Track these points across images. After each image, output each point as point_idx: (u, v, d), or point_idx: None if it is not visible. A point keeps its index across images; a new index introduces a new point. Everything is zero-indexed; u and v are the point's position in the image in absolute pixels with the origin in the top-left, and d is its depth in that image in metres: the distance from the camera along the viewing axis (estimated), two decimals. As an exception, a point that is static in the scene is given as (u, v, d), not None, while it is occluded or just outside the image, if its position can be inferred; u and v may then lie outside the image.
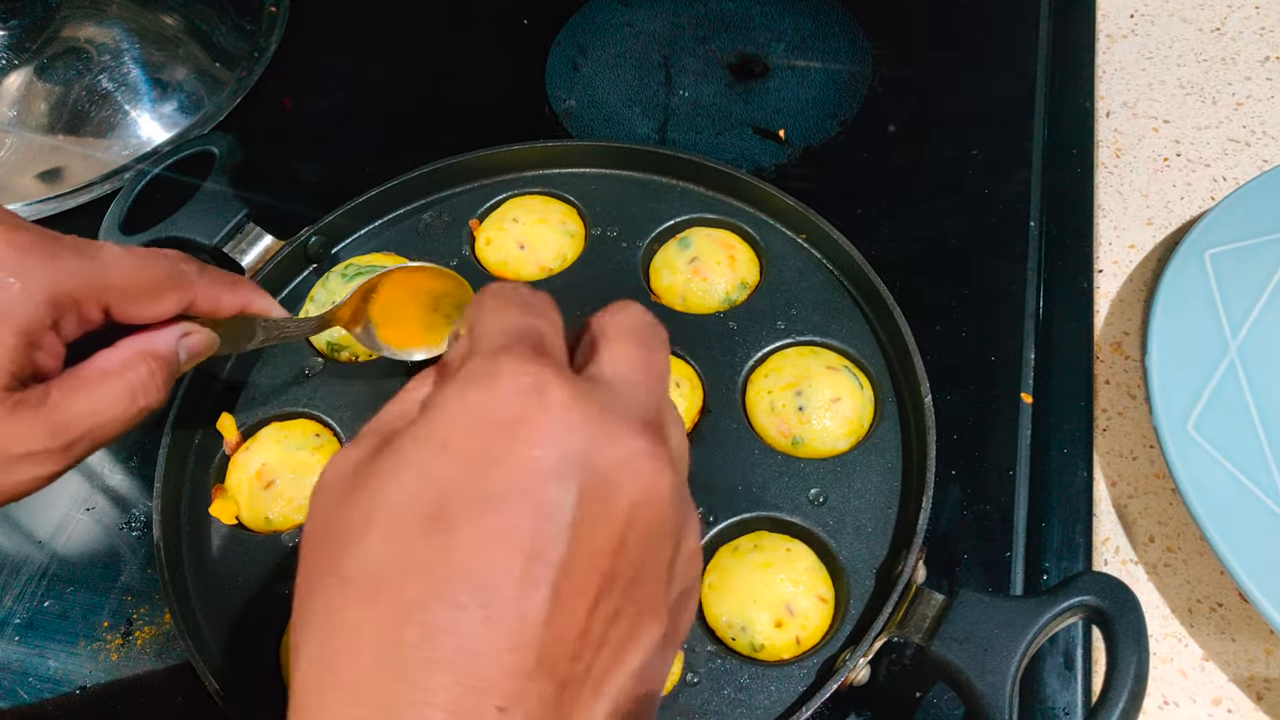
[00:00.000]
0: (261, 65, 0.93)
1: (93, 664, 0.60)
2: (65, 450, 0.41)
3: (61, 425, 0.41)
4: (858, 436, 0.59)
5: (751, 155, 0.81)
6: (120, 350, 0.45)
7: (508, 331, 0.30)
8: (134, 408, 0.44)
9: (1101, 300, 0.70)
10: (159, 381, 0.45)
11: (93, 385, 0.43)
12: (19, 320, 0.40)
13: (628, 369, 0.31)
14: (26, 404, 0.40)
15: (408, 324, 0.60)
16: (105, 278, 0.43)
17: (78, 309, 0.42)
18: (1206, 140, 0.78)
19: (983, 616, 0.47)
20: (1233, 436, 0.58)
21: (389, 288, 0.58)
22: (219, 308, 0.49)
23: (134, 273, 0.44)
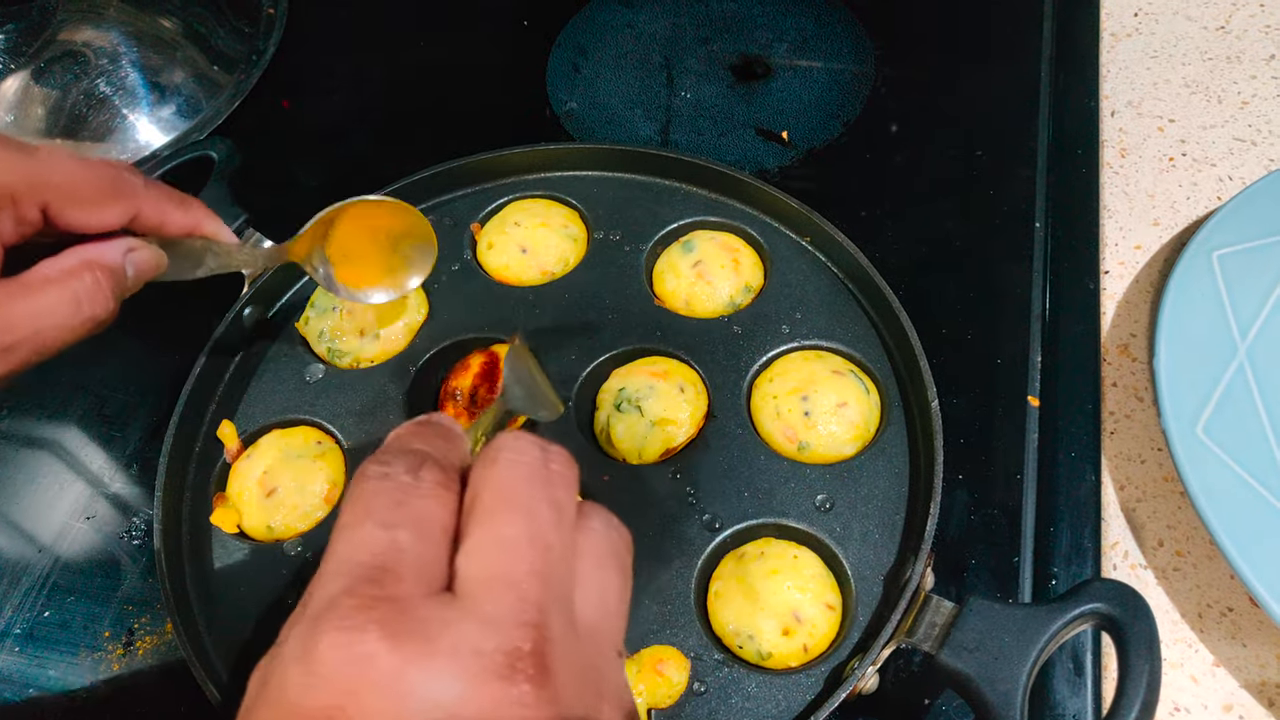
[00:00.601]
0: (260, 68, 0.93)
1: (94, 674, 0.59)
2: (5, 351, 0.40)
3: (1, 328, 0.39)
4: (864, 442, 0.58)
5: (754, 157, 0.80)
6: (64, 258, 0.43)
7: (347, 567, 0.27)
8: (79, 315, 0.42)
9: (1108, 302, 0.70)
10: (105, 291, 0.43)
11: (34, 290, 0.41)
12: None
13: (493, 567, 0.28)
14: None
15: (366, 264, 0.58)
16: (44, 174, 0.41)
17: (14, 206, 0.41)
18: (1212, 139, 0.77)
19: (993, 624, 0.46)
20: (1242, 439, 0.57)
21: (347, 223, 0.56)
22: (166, 224, 0.47)
23: (75, 172, 0.43)
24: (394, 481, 0.30)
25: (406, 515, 0.29)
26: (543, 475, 0.30)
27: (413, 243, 0.58)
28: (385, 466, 0.30)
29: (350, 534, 0.28)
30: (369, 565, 0.27)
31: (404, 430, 0.33)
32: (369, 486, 0.30)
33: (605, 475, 0.58)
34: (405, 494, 0.29)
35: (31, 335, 0.40)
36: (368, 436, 0.61)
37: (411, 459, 0.30)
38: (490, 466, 0.30)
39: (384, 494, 0.29)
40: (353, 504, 0.29)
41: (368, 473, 0.30)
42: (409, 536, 0.28)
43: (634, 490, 0.57)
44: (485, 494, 0.29)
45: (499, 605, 0.27)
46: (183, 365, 0.62)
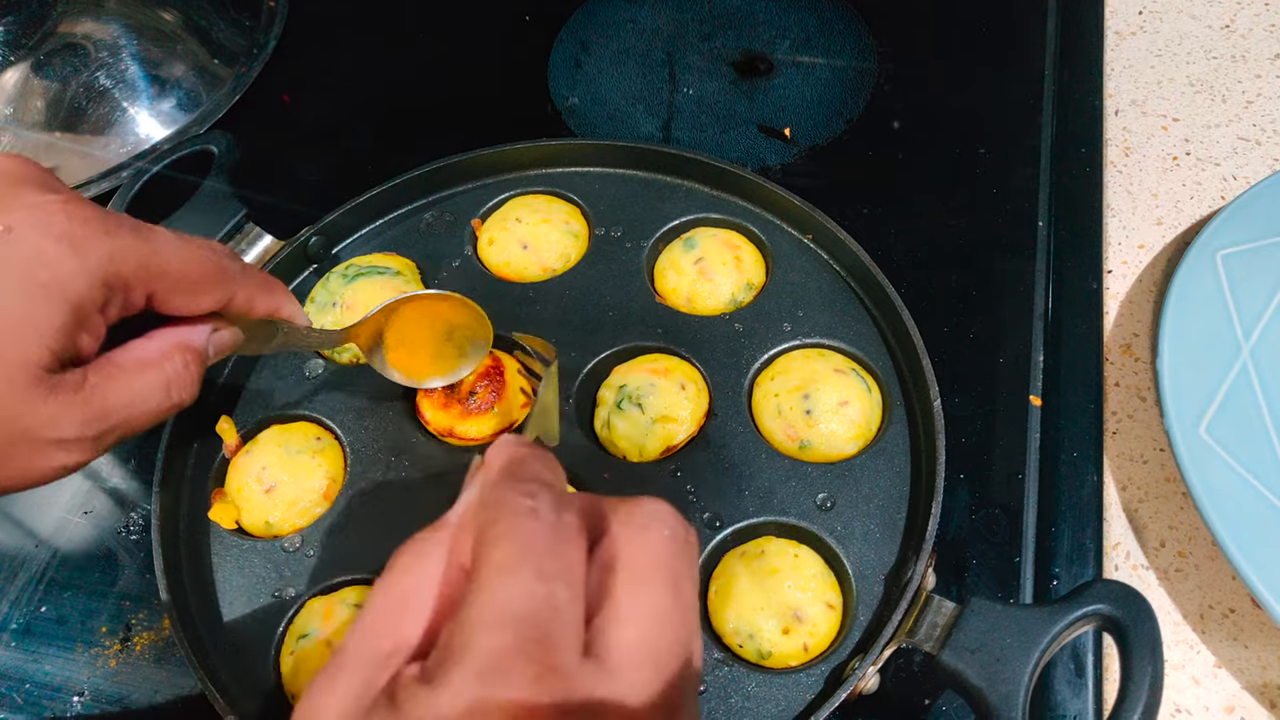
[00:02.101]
0: (261, 62, 0.92)
1: (91, 670, 0.59)
2: (96, 440, 0.40)
3: (97, 413, 0.39)
4: (866, 440, 0.58)
5: (757, 154, 0.80)
6: (156, 341, 0.43)
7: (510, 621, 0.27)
8: (168, 401, 0.42)
9: (1111, 301, 0.70)
10: (193, 375, 0.44)
11: (130, 374, 0.41)
12: (72, 298, 0.37)
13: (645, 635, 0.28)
14: (65, 387, 0.38)
15: (418, 351, 0.59)
16: (159, 263, 0.41)
17: (126, 292, 0.40)
18: (1216, 139, 0.77)
19: (994, 625, 0.46)
20: (1245, 440, 0.57)
21: (407, 311, 0.57)
22: (253, 309, 0.47)
23: (185, 262, 0.43)
24: (544, 522, 0.29)
25: (560, 566, 0.29)
26: (688, 553, 0.31)
27: (467, 335, 0.59)
28: (532, 500, 0.30)
29: (510, 581, 0.28)
30: (531, 623, 0.27)
31: (525, 453, 0.33)
32: (523, 525, 0.29)
33: (605, 473, 0.57)
34: (556, 539, 0.29)
35: (123, 422, 0.40)
36: (367, 432, 0.61)
37: (552, 494, 0.31)
38: (642, 532, 0.31)
39: (538, 536, 0.29)
40: (508, 541, 0.29)
41: (516, 506, 0.30)
42: (564, 593, 0.28)
43: (634, 488, 0.57)
44: (635, 560, 0.30)
45: (648, 682, 0.28)
46: (181, 360, 0.62)
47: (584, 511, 0.31)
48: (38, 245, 0.37)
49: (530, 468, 0.32)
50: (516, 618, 0.27)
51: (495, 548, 0.29)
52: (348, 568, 0.56)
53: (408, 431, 0.60)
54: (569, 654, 0.27)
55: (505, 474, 0.32)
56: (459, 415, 0.59)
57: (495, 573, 0.28)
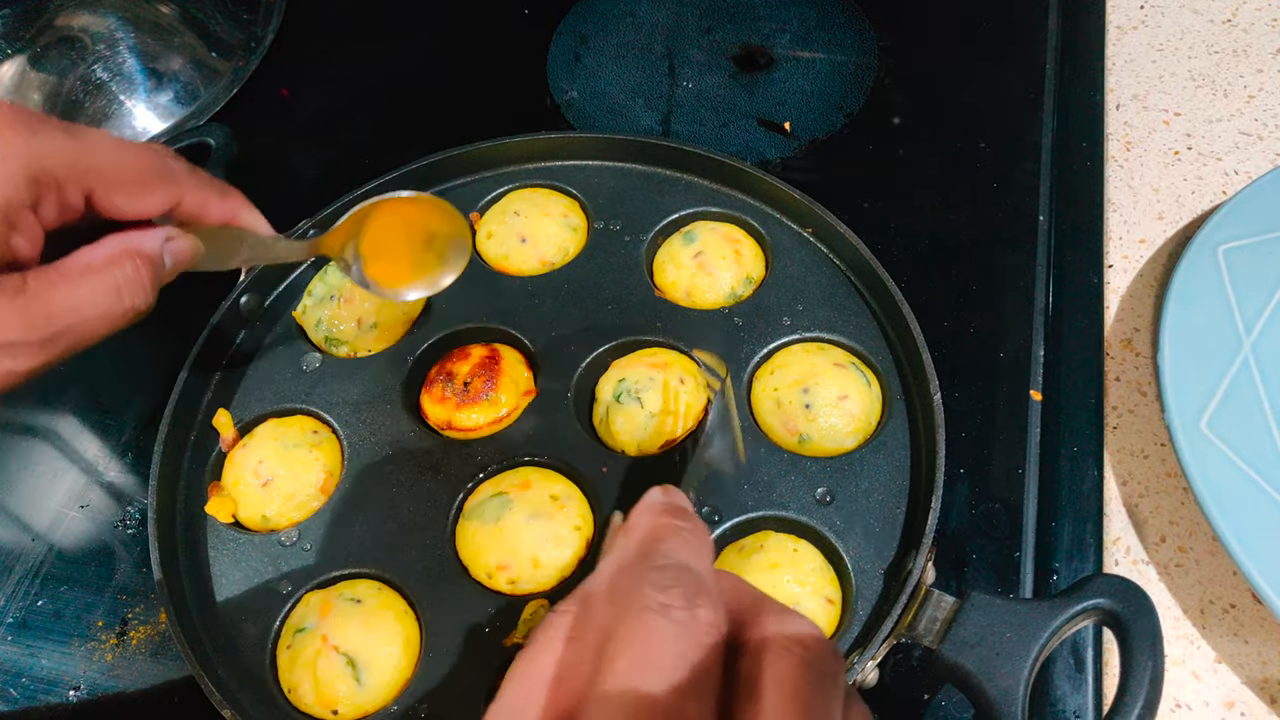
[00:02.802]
0: (258, 55, 0.92)
1: (87, 664, 0.59)
2: (43, 344, 0.38)
3: (40, 316, 0.38)
4: (865, 434, 0.58)
5: (756, 148, 0.79)
6: (104, 246, 0.42)
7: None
8: (119, 305, 0.41)
9: (1111, 296, 0.69)
10: (145, 281, 0.42)
11: (74, 279, 0.39)
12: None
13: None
14: (3, 289, 0.37)
15: (399, 261, 0.56)
16: (90, 159, 0.40)
17: (59, 190, 0.39)
18: (1218, 133, 0.77)
19: (994, 620, 0.46)
20: (1246, 435, 0.57)
21: (381, 219, 0.55)
22: (206, 213, 0.46)
23: (121, 157, 0.41)
24: (674, 621, 0.28)
25: (692, 679, 0.27)
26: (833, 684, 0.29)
27: (447, 240, 0.57)
28: (664, 595, 0.28)
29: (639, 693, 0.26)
30: None
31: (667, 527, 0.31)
32: (651, 627, 0.28)
33: (604, 467, 0.57)
34: (689, 644, 0.27)
35: (72, 326, 0.39)
36: (364, 426, 0.60)
37: (688, 584, 0.29)
38: (783, 657, 0.28)
39: (671, 642, 0.27)
40: (637, 646, 0.27)
41: (647, 601, 0.28)
42: (696, 710, 0.27)
43: (633, 482, 0.57)
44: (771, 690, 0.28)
45: None
46: (178, 353, 0.62)
47: (727, 600, 0.29)
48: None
49: (669, 546, 0.31)
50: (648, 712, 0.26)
51: (620, 655, 0.27)
52: (344, 562, 0.56)
53: (405, 425, 0.60)
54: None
55: (641, 554, 0.30)
56: (455, 407, 0.59)
57: (619, 681, 0.27)
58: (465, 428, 0.59)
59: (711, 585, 0.30)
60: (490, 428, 0.59)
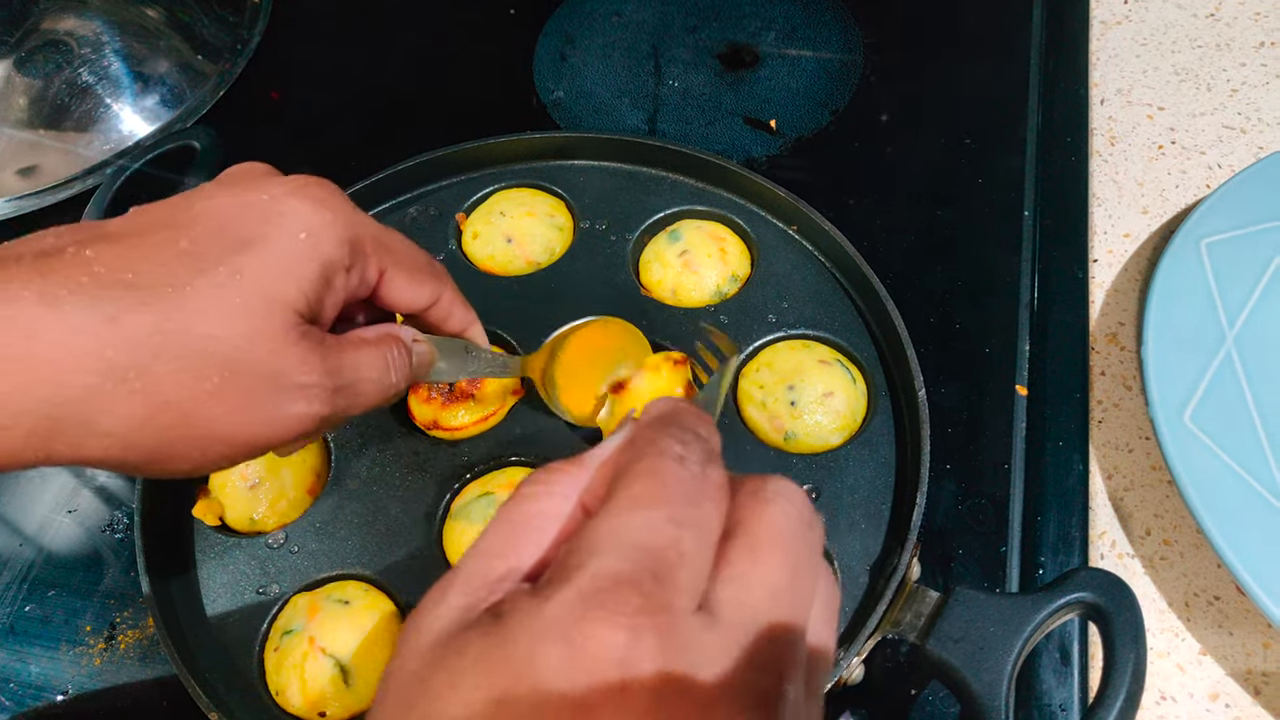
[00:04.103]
0: (245, 58, 0.92)
1: (75, 669, 0.59)
2: (334, 393, 0.40)
3: (334, 366, 0.40)
4: (850, 431, 0.58)
5: (742, 146, 0.80)
6: (373, 329, 0.45)
7: (631, 550, 0.26)
8: (388, 377, 0.44)
9: (1096, 290, 0.70)
10: (404, 364, 0.45)
11: (355, 345, 0.42)
12: (325, 253, 0.40)
13: (756, 603, 0.27)
14: (311, 336, 0.39)
15: (586, 388, 0.58)
16: (389, 240, 0.44)
17: (364, 259, 0.42)
18: (1201, 127, 0.77)
19: (978, 614, 0.46)
20: (1230, 428, 0.57)
21: (572, 346, 0.57)
22: (451, 318, 0.49)
23: (408, 246, 0.46)
24: (690, 472, 0.29)
25: (696, 517, 0.28)
26: (811, 538, 0.30)
27: (631, 365, 0.59)
28: (683, 448, 0.29)
29: (643, 515, 0.27)
30: (654, 558, 0.26)
31: (686, 408, 0.33)
32: (669, 468, 0.29)
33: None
34: (698, 491, 0.28)
35: (354, 383, 0.42)
36: (351, 427, 0.60)
37: (704, 449, 0.30)
38: (768, 505, 0.29)
39: (682, 484, 0.28)
40: (651, 479, 0.28)
41: (665, 449, 0.29)
42: (693, 542, 0.27)
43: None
44: (757, 530, 0.29)
45: (752, 648, 0.26)
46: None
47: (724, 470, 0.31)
48: (299, 206, 0.39)
49: (687, 420, 0.31)
50: (638, 548, 0.26)
51: (635, 482, 0.28)
52: (332, 563, 0.56)
53: (391, 425, 0.60)
54: (683, 598, 0.26)
55: (660, 420, 0.31)
56: (441, 406, 0.59)
57: (628, 504, 0.28)
58: (452, 427, 0.59)
59: (722, 459, 0.31)
60: (477, 427, 0.60)
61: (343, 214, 0.41)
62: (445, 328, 0.50)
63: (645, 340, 0.59)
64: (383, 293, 0.45)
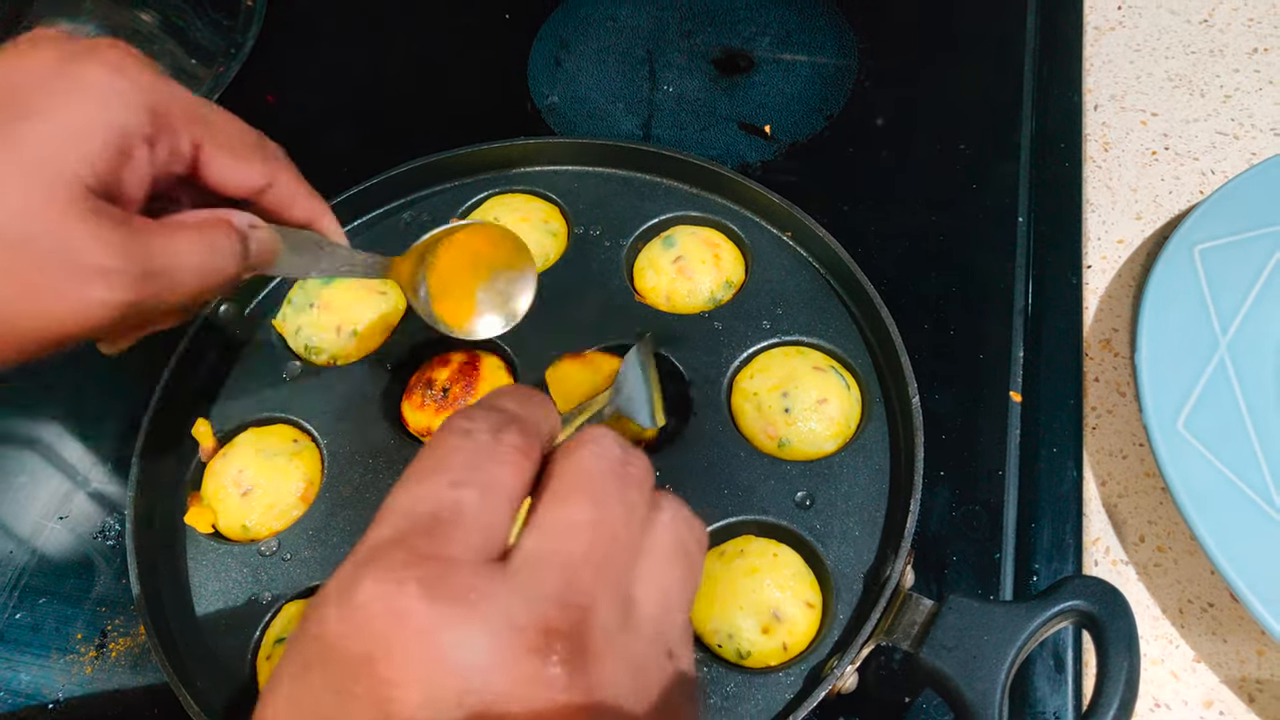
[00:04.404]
0: (239, 62, 0.92)
1: (66, 677, 0.58)
2: (140, 279, 0.37)
3: (139, 249, 0.37)
4: (845, 438, 0.58)
5: (737, 151, 0.80)
6: (198, 212, 0.42)
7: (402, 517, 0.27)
8: (211, 263, 0.40)
9: (1090, 296, 0.70)
10: (236, 249, 0.41)
11: (172, 228, 0.39)
12: (118, 118, 0.36)
13: (550, 547, 0.27)
14: (106, 214, 0.36)
15: (464, 297, 0.55)
16: (206, 113, 0.41)
17: (173, 134, 0.39)
18: (1195, 133, 0.77)
19: (971, 623, 0.46)
20: (1223, 435, 0.57)
21: (448, 251, 0.54)
22: (291, 206, 0.46)
23: (230, 123, 0.42)
24: (474, 440, 0.29)
25: (477, 477, 0.28)
26: (620, 472, 0.30)
27: (513, 272, 0.56)
28: (470, 422, 0.30)
29: (415, 486, 0.28)
30: (426, 519, 0.27)
31: (502, 390, 0.33)
32: (449, 442, 0.29)
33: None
34: (482, 456, 0.29)
35: (167, 268, 0.38)
36: (345, 434, 0.60)
37: (498, 418, 0.30)
38: (570, 454, 0.30)
39: (461, 452, 0.29)
40: (427, 456, 0.29)
41: (451, 426, 0.30)
42: (474, 498, 0.28)
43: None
44: (560, 478, 0.29)
45: (546, 584, 0.26)
46: (158, 362, 0.61)
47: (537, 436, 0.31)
48: (89, 70, 0.36)
49: (496, 398, 0.32)
50: (409, 514, 0.27)
51: (414, 463, 0.29)
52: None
53: (386, 433, 0.60)
54: (462, 550, 0.26)
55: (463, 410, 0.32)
56: (435, 413, 0.59)
57: (405, 480, 0.29)
58: (445, 435, 0.59)
59: (532, 427, 0.31)
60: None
61: (142, 80, 0.37)
62: (288, 216, 0.46)
63: (526, 246, 0.57)
64: (203, 172, 0.42)
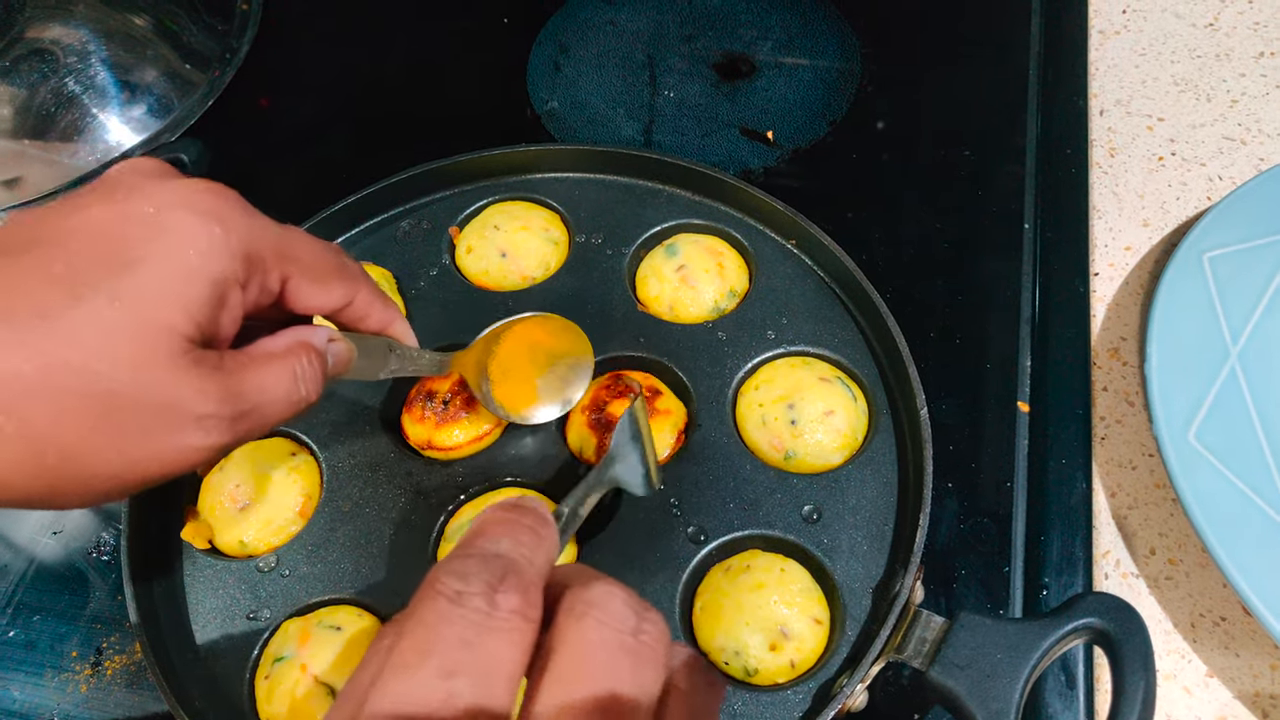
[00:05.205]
0: (234, 67, 0.91)
1: (60, 696, 0.57)
2: (234, 421, 0.38)
3: (234, 393, 0.38)
4: (852, 450, 0.57)
5: (739, 157, 0.79)
6: (281, 337, 0.42)
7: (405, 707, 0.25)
8: (296, 393, 0.41)
9: (1098, 304, 0.69)
10: (317, 373, 0.42)
11: (260, 362, 0.40)
12: (217, 271, 0.37)
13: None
14: (205, 362, 0.37)
15: (523, 383, 0.57)
16: (292, 246, 0.41)
17: (264, 273, 0.40)
18: (1202, 138, 0.76)
19: (984, 641, 0.45)
20: (1235, 446, 0.57)
21: (509, 342, 0.56)
22: (368, 316, 0.47)
23: (314, 250, 0.43)
24: (467, 609, 0.27)
25: (473, 660, 0.26)
26: (631, 646, 0.28)
27: (569, 364, 0.58)
28: (461, 583, 0.27)
29: (402, 680, 0.26)
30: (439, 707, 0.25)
31: (491, 521, 0.31)
32: (439, 611, 0.27)
33: (587, 486, 0.56)
34: (477, 630, 0.27)
35: (258, 406, 0.39)
36: (343, 448, 0.59)
37: (492, 572, 0.28)
38: (576, 623, 0.28)
39: (454, 625, 0.26)
40: (417, 630, 0.27)
41: (440, 588, 0.27)
42: (469, 689, 0.26)
43: (616, 502, 0.56)
44: (563, 654, 0.27)
45: None
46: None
47: (537, 584, 0.29)
48: (185, 220, 0.37)
49: (486, 539, 0.30)
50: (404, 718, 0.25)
51: (404, 638, 0.27)
52: (324, 587, 0.54)
53: (385, 446, 0.59)
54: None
55: (458, 547, 0.29)
56: (435, 426, 0.58)
57: (393, 670, 0.26)
58: (446, 447, 0.58)
59: (531, 573, 0.29)
60: (472, 446, 0.58)
61: (236, 226, 0.38)
62: (363, 327, 0.47)
63: (585, 336, 0.58)
64: (288, 301, 0.43)
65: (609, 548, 0.54)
